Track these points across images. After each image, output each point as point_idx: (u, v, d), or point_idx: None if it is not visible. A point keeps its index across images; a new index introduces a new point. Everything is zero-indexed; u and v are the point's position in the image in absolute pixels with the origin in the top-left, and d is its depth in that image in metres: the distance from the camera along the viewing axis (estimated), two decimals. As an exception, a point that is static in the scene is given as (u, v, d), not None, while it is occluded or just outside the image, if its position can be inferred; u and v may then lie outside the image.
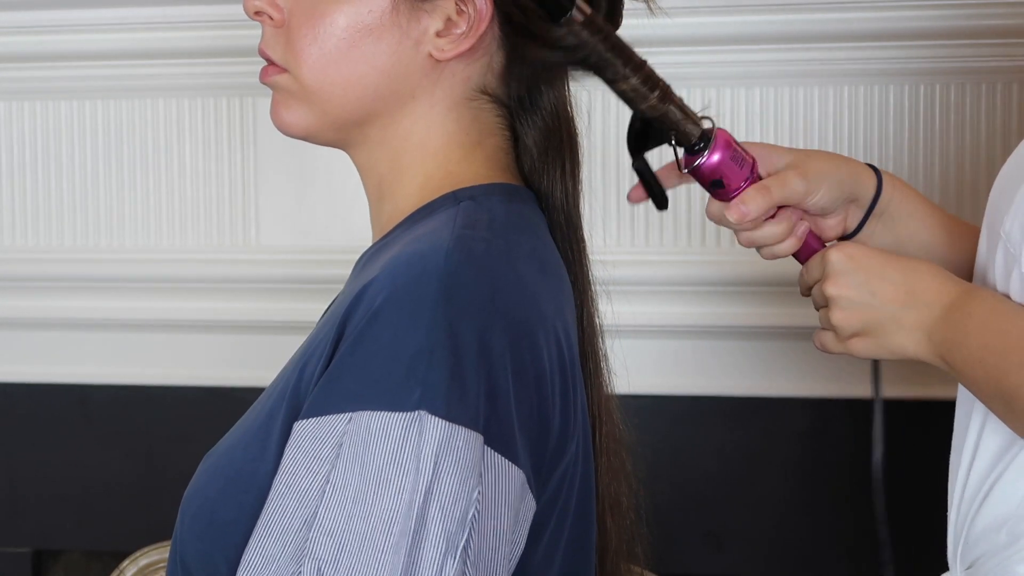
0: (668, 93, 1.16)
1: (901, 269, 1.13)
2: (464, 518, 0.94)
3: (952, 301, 1.10)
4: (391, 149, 1.14)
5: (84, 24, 2.07)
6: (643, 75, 1.14)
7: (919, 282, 1.12)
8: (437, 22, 1.10)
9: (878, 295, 1.13)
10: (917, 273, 1.12)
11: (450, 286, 0.98)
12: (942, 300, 1.10)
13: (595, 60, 1.13)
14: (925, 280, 1.12)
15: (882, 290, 1.13)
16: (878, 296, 1.13)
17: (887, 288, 1.13)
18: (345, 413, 0.96)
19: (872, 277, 1.13)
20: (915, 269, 1.13)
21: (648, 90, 1.14)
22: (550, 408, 1.03)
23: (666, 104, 1.16)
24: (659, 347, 1.99)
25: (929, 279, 1.12)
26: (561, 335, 1.06)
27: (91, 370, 2.16)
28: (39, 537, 2.20)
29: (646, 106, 1.15)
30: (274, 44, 1.13)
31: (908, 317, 1.12)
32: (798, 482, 2.01)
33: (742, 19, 1.93)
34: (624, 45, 1.15)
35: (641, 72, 1.14)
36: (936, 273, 1.12)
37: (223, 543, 1.02)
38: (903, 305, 1.12)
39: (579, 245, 1.19)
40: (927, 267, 1.13)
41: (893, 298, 1.12)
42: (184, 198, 2.11)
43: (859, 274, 1.14)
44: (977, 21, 1.88)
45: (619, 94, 1.15)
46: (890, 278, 1.13)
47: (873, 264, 1.14)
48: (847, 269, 1.14)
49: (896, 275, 1.13)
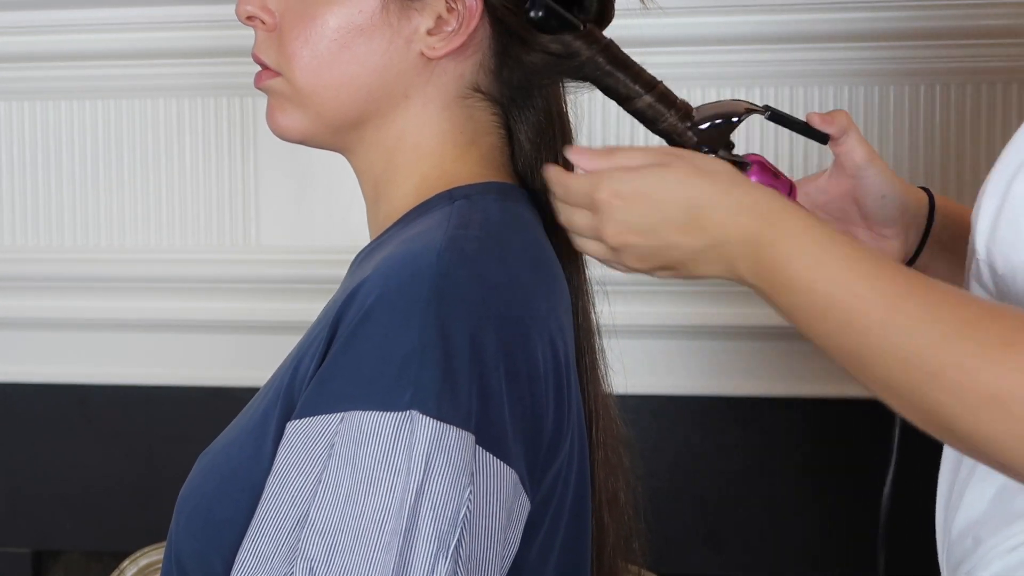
0: (688, 113, 1.13)
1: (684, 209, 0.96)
2: (455, 518, 0.95)
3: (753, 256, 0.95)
4: (386, 150, 1.14)
5: (84, 24, 2.07)
6: (656, 93, 1.12)
7: (706, 222, 0.96)
8: (428, 20, 1.11)
9: (658, 245, 0.98)
10: (700, 210, 0.96)
11: (442, 286, 0.98)
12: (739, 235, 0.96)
13: (593, 73, 1.12)
14: (713, 216, 0.96)
15: (662, 239, 0.98)
16: (658, 246, 0.98)
17: (668, 235, 0.97)
18: (337, 413, 0.97)
19: (644, 227, 0.97)
20: (699, 206, 0.96)
21: (665, 108, 1.12)
22: (544, 407, 1.03)
23: (685, 125, 1.12)
24: (657, 347, 1.99)
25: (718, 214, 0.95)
26: (555, 334, 1.06)
27: (91, 370, 2.16)
28: (39, 537, 2.20)
29: (663, 127, 1.12)
30: (267, 48, 1.14)
31: (700, 256, 0.97)
32: (798, 482, 2.01)
33: (742, 19, 1.93)
34: (631, 62, 1.13)
35: (654, 91, 1.12)
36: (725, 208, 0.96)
37: (218, 542, 1.02)
38: (691, 249, 0.97)
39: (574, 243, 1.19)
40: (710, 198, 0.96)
41: (676, 244, 0.97)
42: (184, 198, 2.11)
43: (632, 221, 0.98)
44: (977, 21, 1.88)
45: (632, 114, 1.12)
46: (672, 222, 0.97)
47: (645, 210, 0.97)
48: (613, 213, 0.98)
49: (678, 216, 0.97)
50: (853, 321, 0.91)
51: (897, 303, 0.90)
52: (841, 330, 0.91)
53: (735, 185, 0.97)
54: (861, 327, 0.90)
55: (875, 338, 0.90)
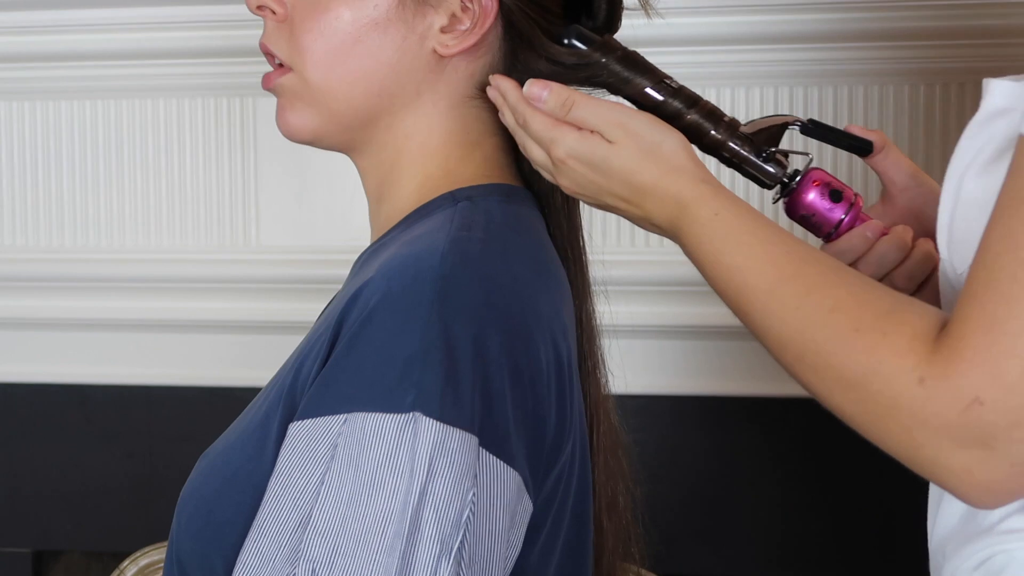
0: (734, 129, 1.13)
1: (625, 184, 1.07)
2: (459, 520, 0.94)
3: (676, 221, 1.05)
4: (393, 150, 1.14)
5: (84, 24, 2.07)
6: (703, 110, 1.12)
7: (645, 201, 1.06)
8: (442, 18, 1.10)
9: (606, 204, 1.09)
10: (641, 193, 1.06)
11: (445, 288, 0.98)
12: (669, 221, 1.06)
13: (615, 83, 1.12)
14: (650, 200, 1.06)
15: (609, 202, 1.09)
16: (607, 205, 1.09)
17: (614, 202, 1.08)
18: (340, 414, 0.96)
19: (594, 190, 1.08)
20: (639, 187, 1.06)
21: (711, 126, 1.13)
22: (546, 409, 1.03)
23: (735, 139, 1.13)
24: (658, 347, 1.99)
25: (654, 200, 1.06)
26: (558, 336, 1.06)
27: (91, 370, 2.16)
28: (39, 537, 2.20)
29: (707, 143, 1.13)
30: (276, 39, 1.13)
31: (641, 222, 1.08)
32: (798, 482, 2.01)
33: (742, 19, 1.93)
34: (662, 74, 1.13)
35: (697, 106, 1.12)
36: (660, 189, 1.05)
37: (219, 543, 1.02)
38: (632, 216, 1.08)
39: (578, 245, 1.19)
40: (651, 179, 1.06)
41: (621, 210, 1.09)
42: (184, 198, 2.11)
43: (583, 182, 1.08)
44: (977, 21, 1.88)
45: (679, 129, 1.12)
46: (616, 194, 1.08)
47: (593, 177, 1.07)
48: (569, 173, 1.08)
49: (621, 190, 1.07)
50: (741, 299, 1.00)
51: (777, 287, 0.98)
52: (734, 303, 1.01)
53: (673, 171, 1.06)
54: (747, 305, 0.99)
55: (757, 319, 0.99)
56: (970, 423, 0.86)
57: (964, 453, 0.87)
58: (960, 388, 0.86)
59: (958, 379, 0.86)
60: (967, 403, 0.85)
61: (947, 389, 0.86)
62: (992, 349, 0.85)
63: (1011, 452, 0.86)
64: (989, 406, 0.85)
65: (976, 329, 0.85)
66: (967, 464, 0.87)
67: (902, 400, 0.88)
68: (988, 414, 0.85)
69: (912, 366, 0.88)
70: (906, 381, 0.88)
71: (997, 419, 0.85)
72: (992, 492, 0.88)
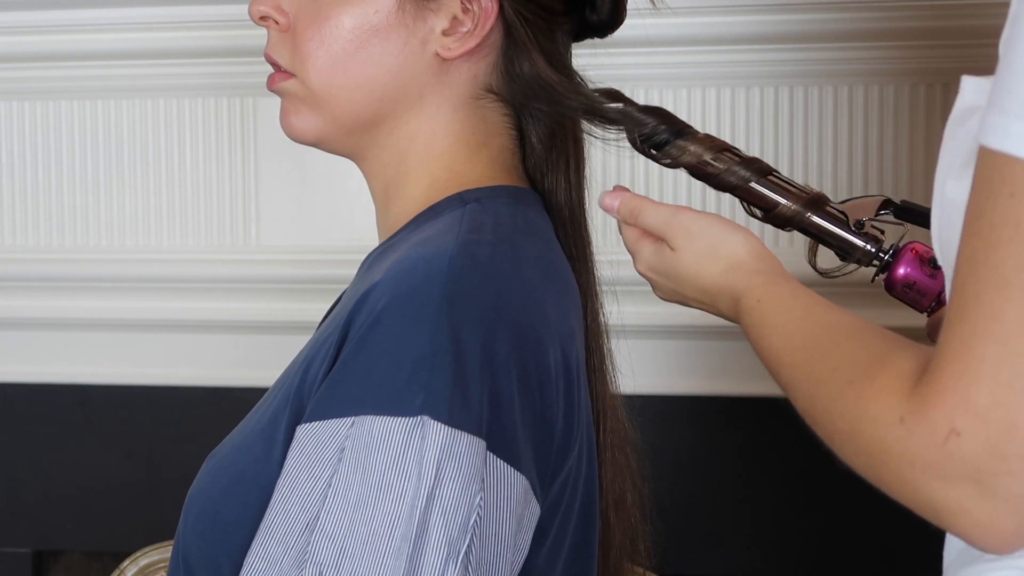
0: (820, 202, 1.16)
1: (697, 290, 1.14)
2: (466, 524, 0.94)
3: (736, 315, 1.11)
4: (398, 152, 1.14)
5: (84, 24, 2.07)
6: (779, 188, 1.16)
7: (717, 303, 1.13)
8: (443, 21, 1.10)
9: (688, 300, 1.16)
10: (710, 295, 1.13)
11: (453, 291, 0.98)
12: (734, 316, 1.11)
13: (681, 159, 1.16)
14: (719, 301, 1.13)
15: (696, 306, 1.16)
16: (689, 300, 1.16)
17: (698, 306, 1.16)
18: (347, 417, 0.96)
19: (680, 299, 1.17)
20: (707, 291, 1.13)
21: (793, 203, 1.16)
22: (554, 413, 1.03)
23: (818, 214, 1.16)
24: (663, 347, 1.99)
25: (722, 300, 1.12)
26: (566, 339, 1.06)
27: (91, 370, 2.15)
28: (39, 537, 2.19)
29: (789, 217, 1.17)
30: (280, 49, 1.13)
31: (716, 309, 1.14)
32: (798, 482, 2.01)
33: (742, 19, 1.93)
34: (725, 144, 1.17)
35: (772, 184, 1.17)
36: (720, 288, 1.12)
37: (226, 543, 1.02)
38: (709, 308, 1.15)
39: (585, 244, 1.19)
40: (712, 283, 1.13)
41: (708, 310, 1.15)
42: (184, 198, 2.11)
43: (669, 293, 1.17)
44: (977, 21, 1.88)
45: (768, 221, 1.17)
46: (695, 300, 1.15)
47: (675, 287, 1.16)
48: (656, 284, 1.17)
49: (697, 297, 1.14)
50: (779, 377, 1.02)
51: (798, 359, 0.99)
52: (777, 381, 1.03)
53: (731, 269, 1.12)
54: (781, 381, 1.02)
55: (789, 393, 1.00)
56: (951, 457, 0.81)
57: (956, 491, 0.81)
58: (935, 421, 0.81)
59: (933, 412, 0.81)
60: (944, 436, 0.81)
61: (925, 424, 0.82)
62: (963, 376, 0.80)
63: (1000, 486, 0.80)
64: (966, 436, 0.80)
65: (949, 358, 0.81)
66: (961, 503, 0.82)
67: (888, 442, 0.84)
68: (966, 445, 0.80)
69: (894, 406, 0.84)
70: (889, 422, 0.84)
71: (975, 449, 0.80)
72: (997, 532, 0.82)
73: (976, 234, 0.81)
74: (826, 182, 1.93)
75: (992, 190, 0.80)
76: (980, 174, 0.82)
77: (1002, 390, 0.79)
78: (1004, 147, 0.79)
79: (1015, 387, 0.78)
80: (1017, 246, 0.79)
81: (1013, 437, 0.79)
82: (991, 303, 0.79)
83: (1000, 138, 0.80)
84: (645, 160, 2.03)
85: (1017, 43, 0.82)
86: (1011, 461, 0.79)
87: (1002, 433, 0.79)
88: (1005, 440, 0.79)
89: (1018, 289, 0.78)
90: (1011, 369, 0.79)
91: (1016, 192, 0.79)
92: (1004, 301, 0.79)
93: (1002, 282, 0.79)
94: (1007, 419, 0.79)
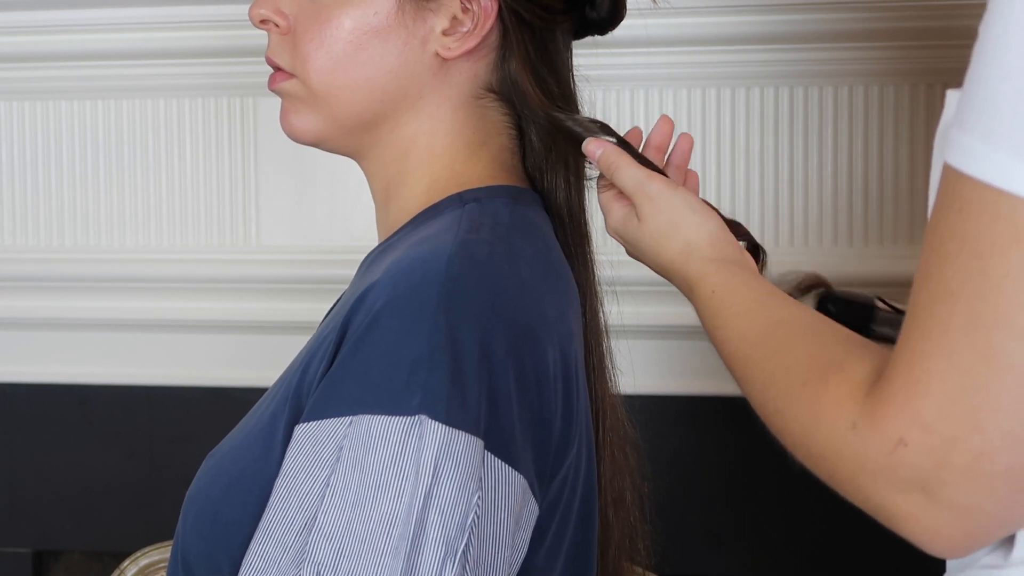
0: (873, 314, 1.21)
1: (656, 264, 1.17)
2: (463, 523, 0.94)
3: (690, 296, 1.14)
4: (399, 152, 1.14)
5: (84, 24, 2.07)
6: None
7: (672, 277, 1.16)
8: (443, 21, 1.11)
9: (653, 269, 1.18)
10: (666, 272, 1.16)
11: (451, 291, 0.98)
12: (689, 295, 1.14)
13: None
14: (673, 279, 1.16)
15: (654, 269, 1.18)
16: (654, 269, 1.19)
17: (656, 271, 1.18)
18: (345, 417, 0.97)
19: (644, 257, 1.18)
20: (664, 267, 1.16)
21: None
22: (552, 413, 1.03)
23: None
24: (663, 347, 1.99)
25: (675, 279, 1.15)
26: (564, 339, 1.06)
27: (91, 370, 2.15)
28: (39, 537, 2.19)
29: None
30: (280, 51, 1.14)
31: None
32: (798, 482, 2.01)
33: (742, 19, 1.93)
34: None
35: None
36: (675, 270, 1.15)
37: (226, 543, 1.02)
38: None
39: (584, 244, 1.19)
40: (668, 262, 1.15)
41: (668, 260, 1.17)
42: (184, 198, 2.11)
43: (634, 250, 1.19)
44: (977, 21, 1.88)
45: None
46: (655, 267, 1.17)
47: (638, 253, 1.19)
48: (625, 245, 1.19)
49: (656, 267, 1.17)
50: (731, 368, 1.05)
51: (751, 354, 1.01)
52: (730, 371, 1.06)
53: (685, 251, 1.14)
54: (734, 372, 1.05)
55: (742, 386, 1.03)
56: (899, 465, 0.82)
57: (904, 497, 0.83)
58: (884, 431, 0.83)
59: (883, 422, 0.83)
60: (893, 445, 0.82)
61: (875, 432, 0.83)
62: (911, 388, 0.81)
63: (946, 495, 0.81)
64: (912, 447, 0.81)
65: (900, 369, 0.83)
66: (910, 509, 0.83)
67: (840, 448, 0.86)
68: (912, 455, 0.82)
69: (847, 412, 0.86)
70: (842, 428, 0.86)
71: (921, 460, 0.81)
72: (944, 539, 0.84)
73: (929, 248, 0.83)
74: (826, 182, 1.93)
75: (945, 205, 0.81)
76: (940, 188, 0.83)
77: (947, 403, 0.80)
78: (956, 163, 0.80)
79: (959, 400, 0.80)
80: (962, 261, 0.80)
81: (956, 448, 0.80)
82: (938, 317, 0.80)
83: (955, 154, 0.81)
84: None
85: (979, 58, 0.82)
86: (955, 472, 0.81)
87: (946, 444, 0.80)
88: (949, 451, 0.80)
89: (963, 303, 0.79)
90: (956, 382, 0.80)
91: (963, 208, 0.80)
92: (950, 315, 0.80)
93: (948, 296, 0.80)
94: (951, 432, 0.80)
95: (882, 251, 1.92)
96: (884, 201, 1.92)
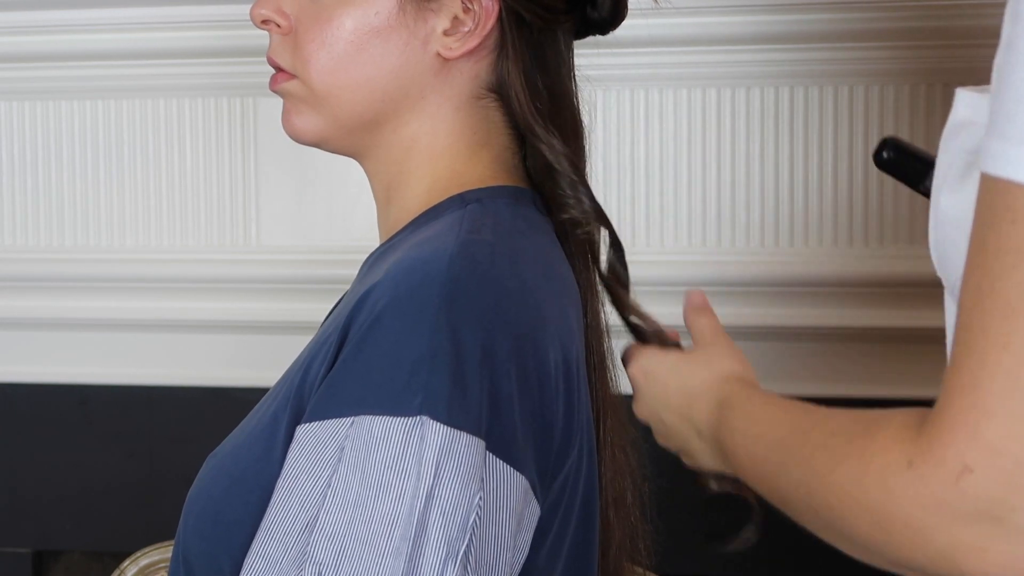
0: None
1: (680, 391, 1.12)
2: (465, 524, 0.94)
3: (717, 421, 1.07)
4: (400, 152, 1.14)
5: (84, 24, 2.07)
6: None
7: (694, 407, 1.10)
8: (444, 21, 1.11)
9: (669, 427, 1.13)
10: (692, 397, 1.11)
11: (453, 292, 0.98)
12: (710, 424, 1.08)
13: None
14: (699, 403, 1.10)
15: (670, 421, 1.13)
16: (669, 428, 1.13)
17: (673, 419, 1.12)
18: (347, 417, 0.97)
19: (659, 407, 1.13)
20: (691, 392, 1.11)
21: None
22: (553, 413, 1.03)
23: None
24: (662, 347, 1.99)
25: (702, 402, 1.09)
26: (566, 340, 1.06)
27: (91, 370, 2.15)
28: (39, 537, 2.19)
29: None
30: (282, 52, 1.14)
31: (695, 444, 1.11)
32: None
33: (742, 19, 1.93)
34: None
35: None
36: (706, 389, 1.09)
37: (227, 543, 1.02)
38: (688, 437, 1.11)
39: (585, 246, 1.19)
40: (700, 382, 1.11)
41: (679, 430, 1.12)
42: (184, 198, 2.11)
43: (651, 401, 1.14)
44: (976, 21, 1.88)
45: None
46: (673, 407, 1.12)
47: (658, 391, 1.14)
48: (641, 389, 1.15)
49: (677, 400, 1.12)
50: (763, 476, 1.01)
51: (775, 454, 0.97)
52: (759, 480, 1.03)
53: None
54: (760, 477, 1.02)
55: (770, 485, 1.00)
56: (966, 495, 0.77)
57: (971, 530, 0.78)
58: (946, 460, 0.78)
59: (943, 451, 0.78)
60: (957, 474, 0.77)
61: (935, 464, 0.78)
62: (972, 412, 0.77)
63: (1017, 521, 0.77)
64: (979, 473, 0.77)
65: (957, 394, 0.78)
66: (979, 541, 0.78)
67: (896, 490, 0.81)
68: (979, 482, 0.77)
69: (901, 452, 0.81)
70: (897, 469, 0.80)
71: (990, 486, 0.77)
72: (1016, 571, 0.78)
73: (980, 266, 0.79)
74: (826, 182, 1.93)
75: (994, 217, 0.78)
76: (982, 202, 0.80)
77: (1014, 422, 0.76)
78: (1005, 173, 0.78)
79: None
80: (1022, 273, 0.77)
81: None
82: (998, 334, 0.77)
83: (1001, 164, 0.78)
84: (646, 159, 2.03)
85: (1014, 68, 0.80)
86: None
87: (1016, 467, 0.77)
88: (1020, 473, 0.77)
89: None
90: (1022, 400, 0.76)
91: (1018, 219, 0.77)
92: (1011, 331, 0.76)
93: (1009, 311, 0.77)
94: (1020, 452, 0.76)
95: (882, 251, 1.92)
96: (884, 201, 1.92)
